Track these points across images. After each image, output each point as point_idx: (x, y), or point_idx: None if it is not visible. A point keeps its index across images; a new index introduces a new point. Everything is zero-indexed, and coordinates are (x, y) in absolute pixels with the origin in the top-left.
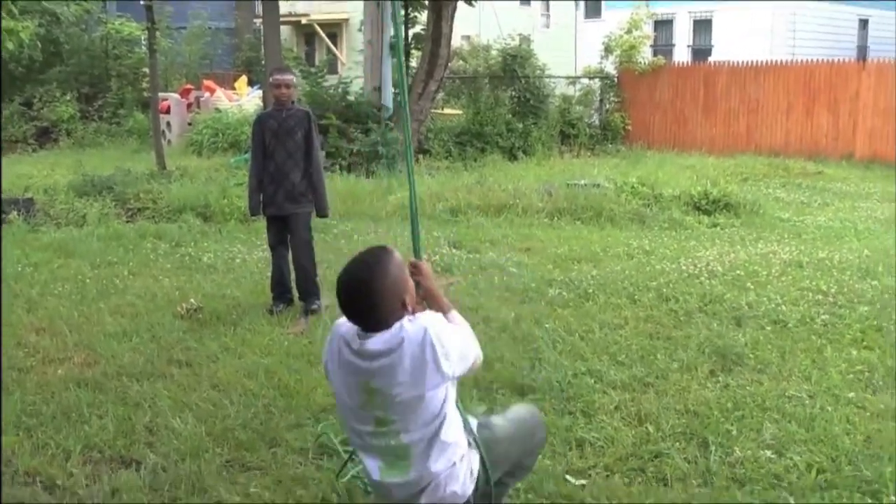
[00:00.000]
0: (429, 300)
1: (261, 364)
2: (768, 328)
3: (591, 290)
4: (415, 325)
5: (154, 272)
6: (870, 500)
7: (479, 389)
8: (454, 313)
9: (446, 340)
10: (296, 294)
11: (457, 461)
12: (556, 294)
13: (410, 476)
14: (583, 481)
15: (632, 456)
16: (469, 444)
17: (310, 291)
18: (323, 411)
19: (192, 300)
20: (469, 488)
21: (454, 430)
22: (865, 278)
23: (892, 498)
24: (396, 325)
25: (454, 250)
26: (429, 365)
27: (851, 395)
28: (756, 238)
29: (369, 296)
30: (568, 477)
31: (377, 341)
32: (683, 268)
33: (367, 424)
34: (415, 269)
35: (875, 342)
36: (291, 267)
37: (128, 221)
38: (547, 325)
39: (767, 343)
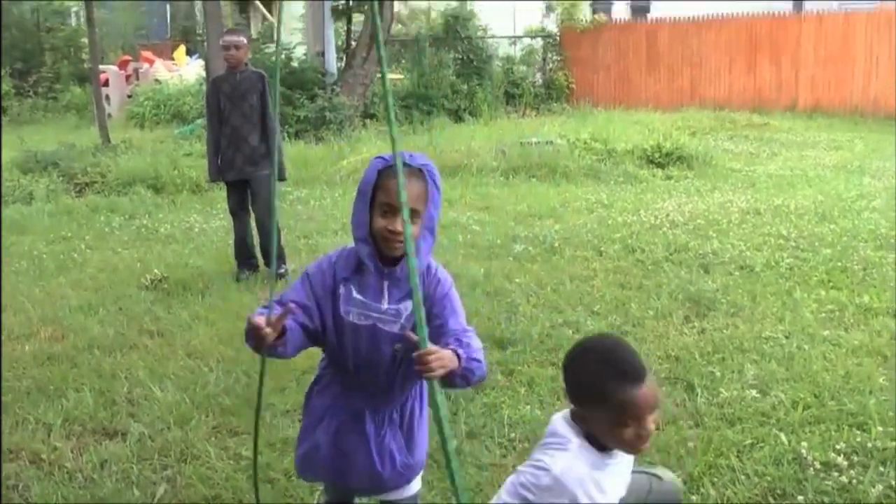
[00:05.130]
0: None
1: (235, 330)
2: (736, 273)
3: (556, 245)
4: None
5: (112, 245)
6: (858, 432)
7: None
8: None
9: None
10: (261, 260)
11: None
12: (522, 249)
13: None
14: None
15: None
16: None
17: (276, 255)
18: (304, 373)
19: (155, 271)
20: None
21: None
22: (823, 222)
23: (879, 428)
24: None
25: None
26: None
27: (826, 333)
28: (711, 188)
29: None
30: None
31: None
32: (644, 219)
33: None
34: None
35: (842, 282)
36: (254, 233)
37: (77, 196)
38: (517, 280)
39: (737, 287)
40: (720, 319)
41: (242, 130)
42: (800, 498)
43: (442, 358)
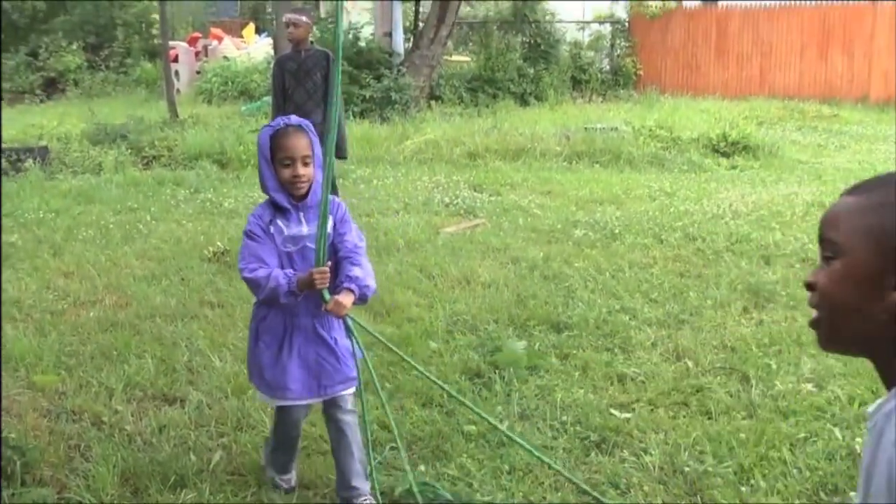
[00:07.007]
0: None
1: None
2: (797, 266)
3: (617, 231)
4: None
5: (176, 217)
6: None
7: (515, 326)
8: None
9: None
10: None
11: None
12: (583, 235)
13: None
14: (627, 415)
15: (673, 390)
16: None
17: None
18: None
19: (218, 244)
20: None
21: None
22: None
23: None
24: None
25: (475, 193)
26: None
27: None
28: (776, 180)
29: None
30: (612, 410)
31: None
32: (707, 209)
33: None
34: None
35: None
36: None
37: (144, 169)
38: (577, 265)
39: (798, 281)
40: (779, 312)
41: (305, 107)
42: (851, 494)
43: (343, 302)
